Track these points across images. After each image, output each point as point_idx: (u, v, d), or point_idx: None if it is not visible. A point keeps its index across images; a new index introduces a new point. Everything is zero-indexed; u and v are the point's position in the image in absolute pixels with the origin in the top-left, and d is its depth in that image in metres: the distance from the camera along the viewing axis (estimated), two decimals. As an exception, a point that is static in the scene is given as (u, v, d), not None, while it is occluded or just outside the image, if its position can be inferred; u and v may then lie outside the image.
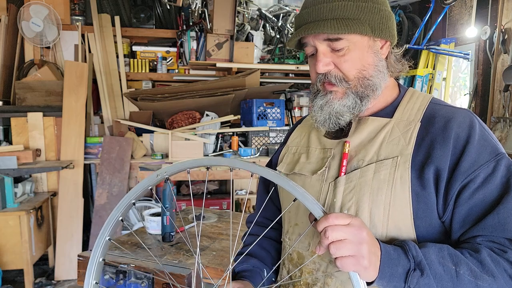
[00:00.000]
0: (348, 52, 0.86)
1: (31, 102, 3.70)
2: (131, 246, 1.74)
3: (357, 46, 0.86)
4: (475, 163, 0.80)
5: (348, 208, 0.86)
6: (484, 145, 0.82)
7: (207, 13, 4.17)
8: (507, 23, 3.52)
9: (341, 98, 0.89)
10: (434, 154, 0.82)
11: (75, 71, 3.65)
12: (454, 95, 4.52)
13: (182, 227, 1.94)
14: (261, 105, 3.90)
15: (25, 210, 2.99)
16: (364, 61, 0.87)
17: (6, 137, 3.62)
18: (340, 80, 0.87)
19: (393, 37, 0.91)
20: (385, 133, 0.88)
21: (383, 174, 0.84)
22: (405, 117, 0.89)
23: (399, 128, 0.88)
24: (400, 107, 0.92)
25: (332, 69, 0.88)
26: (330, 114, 0.90)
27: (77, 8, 4.20)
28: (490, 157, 0.81)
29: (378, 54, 0.89)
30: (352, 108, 0.89)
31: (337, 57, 0.87)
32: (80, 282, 1.65)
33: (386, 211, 0.83)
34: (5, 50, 3.81)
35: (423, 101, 0.91)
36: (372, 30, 0.86)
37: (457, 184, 0.80)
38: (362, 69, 0.87)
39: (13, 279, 3.31)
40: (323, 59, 0.87)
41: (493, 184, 0.80)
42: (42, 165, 3.38)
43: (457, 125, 0.84)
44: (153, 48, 4.36)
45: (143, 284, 1.53)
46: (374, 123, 0.91)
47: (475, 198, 0.80)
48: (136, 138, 3.78)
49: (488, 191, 0.80)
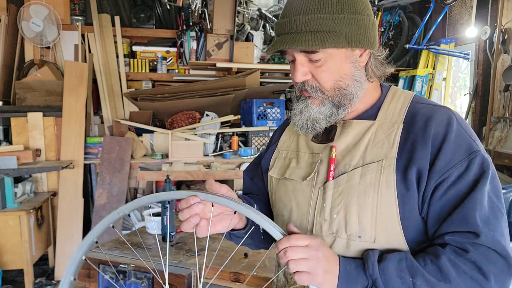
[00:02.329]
0: (325, 63, 0.87)
1: (31, 102, 3.70)
2: (131, 246, 1.74)
3: (334, 57, 0.87)
4: (449, 162, 0.82)
5: (338, 212, 0.87)
6: (459, 143, 0.84)
7: (207, 13, 4.17)
8: (507, 23, 3.53)
9: (319, 105, 0.90)
10: (415, 156, 0.84)
11: (75, 71, 3.65)
12: (454, 95, 4.53)
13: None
14: (261, 105, 3.90)
15: (25, 210, 2.99)
16: (341, 71, 0.88)
17: (6, 137, 3.62)
18: (315, 90, 0.89)
19: (372, 45, 0.90)
20: (369, 136, 0.89)
21: (369, 178, 0.85)
22: (388, 118, 0.91)
23: (383, 130, 0.89)
24: (383, 108, 0.93)
25: (309, 79, 0.89)
26: (307, 120, 0.91)
27: (77, 8, 4.20)
28: (464, 156, 0.83)
29: (356, 64, 0.90)
30: (329, 116, 0.91)
31: (315, 68, 0.88)
32: (80, 282, 1.65)
33: (374, 214, 0.84)
34: (5, 50, 3.81)
35: (405, 101, 0.93)
36: (348, 42, 0.86)
37: (432, 182, 0.83)
38: (338, 79, 0.88)
39: (13, 279, 3.31)
40: (300, 69, 0.88)
41: (465, 182, 0.82)
42: (42, 165, 3.38)
43: (436, 124, 0.85)
44: (153, 48, 4.36)
45: (143, 284, 1.53)
46: (358, 126, 0.92)
47: (447, 196, 0.82)
48: (136, 138, 3.78)
49: (460, 189, 0.82)
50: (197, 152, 3.68)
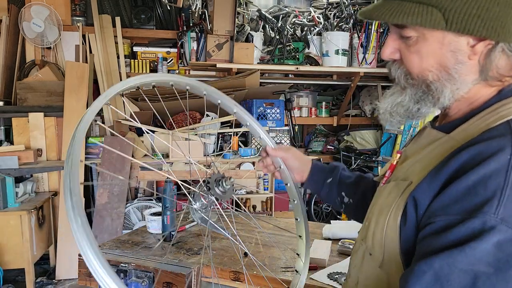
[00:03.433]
0: (416, 43, 0.70)
1: (32, 102, 3.72)
2: (132, 246, 1.76)
3: (427, 38, 0.69)
4: (445, 207, 0.62)
5: (367, 219, 0.81)
6: (476, 191, 0.60)
7: (207, 14, 4.19)
8: None
9: (402, 94, 0.76)
10: (421, 184, 0.67)
11: (76, 71, 3.67)
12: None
13: (183, 226, 1.96)
14: (261, 105, 3.92)
15: (26, 210, 3.00)
16: (434, 59, 0.69)
17: (7, 137, 3.63)
18: (399, 75, 0.75)
19: (496, 35, 0.65)
20: (428, 150, 0.73)
21: (391, 197, 0.73)
22: (461, 136, 0.69)
23: (444, 148, 0.70)
24: (469, 121, 0.70)
25: (397, 60, 0.75)
26: (390, 106, 0.78)
27: (78, 8, 4.22)
28: (465, 211, 0.60)
29: (459, 55, 0.68)
30: (406, 111, 0.75)
31: (405, 47, 0.72)
32: (81, 281, 1.67)
33: (382, 238, 0.72)
34: (6, 51, 3.83)
35: (500, 118, 0.67)
36: (448, 23, 0.65)
37: (422, 224, 0.67)
38: (427, 68, 0.70)
39: (14, 278, 3.33)
40: (390, 44, 0.74)
41: (439, 240, 0.61)
42: (43, 165, 3.40)
43: (470, 155, 0.62)
44: (154, 48, 4.37)
45: (144, 283, 1.55)
46: (428, 136, 0.77)
47: (420, 246, 0.65)
48: (137, 138, 3.80)
49: (431, 244, 0.63)
50: (198, 152, 3.70)
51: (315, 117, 4.69)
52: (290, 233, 1.76)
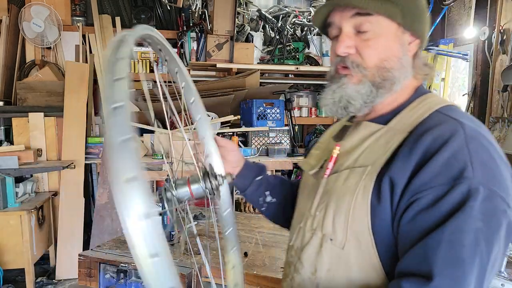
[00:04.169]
0: (373, 37, 0.80)
1: (32, 102, 3.72)
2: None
3: (383, 32, 0.80)
4: (428, 182, 0.70)
5: (320, 209, 0.86)
6: (450, 164, 0.70)
7: (207, 14, 4.19)
8: (505, 24, 3.54)
9: (356, 83, 0.83)
10: (393, 165, 0.75)
11: (76, 71, 3.67)
12: (453, 96, 4.54)
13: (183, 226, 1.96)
14: (261, 105, 3.92)
15: (26, 210, 3.00)
16: (389, 51, 0.81)
17: (7, 137, 3.63)
18: (356, 66, 0.82)
19: (423, 36, 0.83)
20: (371, 141, 0.83)
21: (351, 182, 0.80)
22: (398, 126, 0.81)
23: (386, 137, 0.81)
24: (400, 114, 0.83)
25: (351, 54, 0.82)
26: (341, 97, 0.84)
27: (78, 9, 4.21)
28: (448, 180, 0.69)
29: (404, 48, 0.82)
30: (367, 96, 0.82)
31: (361, 41, 0.81)
32: (81, 281, 1.67)
33: (347, 219, 0.78)
34: (6, 51, 3.83)
35: (429, 109, 0.80)
36: (402, 18, 0.80)
37: (404, 201, 0.73)
38: (384, 58, 0.81)
39: (14, 278, 3.33)
40: (346, 40, 0.82)
41: (438, 210, 0.69)
42: (43, 165, 3.39)
43: (433, 137, 0.73)
44: (154, 48, 4.37)
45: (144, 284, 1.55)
46: (366, 129, 0.85)
47: (416, 222, 0.71)
48: (137, 138, 3.80)
49: (430, 217, 0.69)
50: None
51: (315, 117, 4.69)
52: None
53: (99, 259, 1.63)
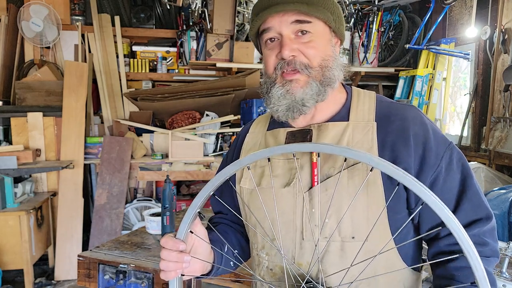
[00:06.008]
0: (312, 39, 0.88)
1: (31, 102, 3.70)
2: (131, 246, 1.74)
3: (320, 35, 0.89)
4: (437, 155, 0.86)
5: (329, 216, 0.84)
6: (437, 137, 0.88)
7: (207, 13, 4.17)
8: (507, 23, 3.52)
9: (303, 86, 0.88)
10: (400, 155, 0.85)
11: (75, 71, 3.65)
12: (454, 95, 4.52)
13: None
14: (261, 105, 3.90)
15: (25, 210, 2.99)
16: (326, 51, 0.89)
17: (6, 137, 3.62)
18: (305, 66, 0.87)
19: (343, 39, 0.96)
20: (347, 138, 0.88)
21: (357, 179, 0.84)
22: (360, 118, 0.90)
23: (358, 130, 0.88)
24: (352, 108, 0.92)
25: (297, 55, 0.87)
26: (294, 102, 0.88)
27: (77, 8, 4.20)
28: (445, 147, 0.87)
29: (335, 48, 0.93)
30: (317, 95, 0.88)
31: (302, 44, 0.87)
32: (80, 282, 1.65)
33: (366, 214, 0.84)
34: (5, 50, 3.81)
35: (371, 100, 0.93)
36: (334, 22, 0.90)
37: (428, 178, 0.86)
38: (324, 58, 0.89)
39: (13, 279, 3.31)
40: (289, 44, 0.86)
41: (453, 171, 0.87)
42: (42, 165, 3.38)
43: (413, 124, 0.88)
44: (153, 48, 4.35)
45: (143, 284, 1.53)
46: (335, 128, 0.90)
47: (446, 187, 0.86)
48: (136, 138, 3.78)
49: (452, 179, 0.87)
50: (197, 152, 3.68)
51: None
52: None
53: (98, 260, 1.61)
